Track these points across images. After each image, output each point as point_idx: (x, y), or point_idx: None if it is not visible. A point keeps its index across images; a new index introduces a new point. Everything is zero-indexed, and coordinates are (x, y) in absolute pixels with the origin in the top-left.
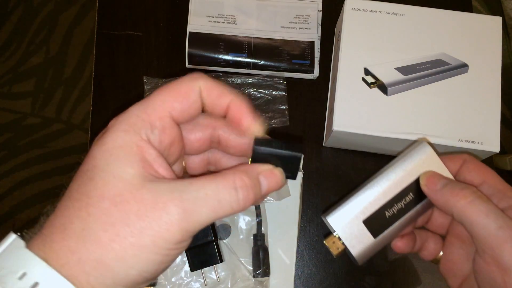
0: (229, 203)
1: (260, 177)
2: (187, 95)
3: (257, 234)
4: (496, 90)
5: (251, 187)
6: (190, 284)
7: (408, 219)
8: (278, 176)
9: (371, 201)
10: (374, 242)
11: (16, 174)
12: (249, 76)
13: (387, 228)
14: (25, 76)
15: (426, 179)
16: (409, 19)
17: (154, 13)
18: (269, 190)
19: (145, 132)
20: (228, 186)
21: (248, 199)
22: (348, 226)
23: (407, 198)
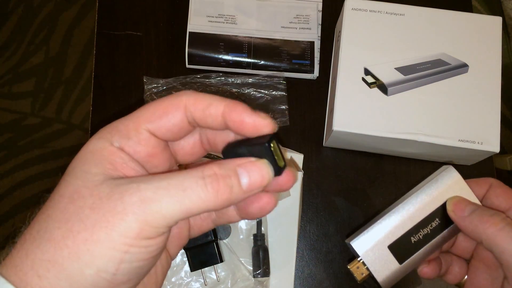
0: (197, 193)
1: (238, 169)
2: (166, 110)
3: (257, 234)
4: (496, 90)
5: (222, 177)
6: (190, 284)
7: (434, 245)
8: (261, 168)
9: (397, 226)
10: (399, 268)
11: (16, 174)
12: (249, 76)
13: (413, 254)
14: (25, 76)
15: (453, 205)
16: (409, 19)
17: (154, 13)
18: (253, 184)
19: (118, 140)
20: (195, 175)
21: (219, 190)
22: (373, 251)
23: (433, 224)
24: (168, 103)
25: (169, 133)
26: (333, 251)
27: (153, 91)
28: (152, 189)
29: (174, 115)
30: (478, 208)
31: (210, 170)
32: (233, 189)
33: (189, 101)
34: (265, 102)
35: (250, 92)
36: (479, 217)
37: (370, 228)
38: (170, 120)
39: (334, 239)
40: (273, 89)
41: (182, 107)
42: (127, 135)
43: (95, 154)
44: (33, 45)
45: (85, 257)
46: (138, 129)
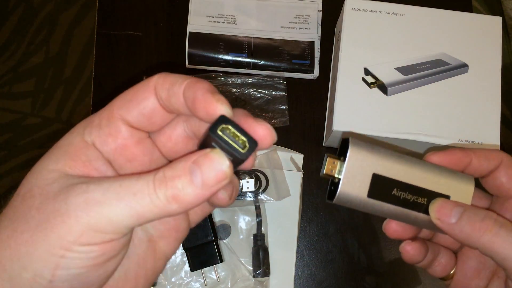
0: (147, 197)
1: (191, 166)
2: (136, 94)
3: (257, 234)
4: (496, 90)
5: (170, 179)
6: (190, 284)
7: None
8: (213, 160)
9: (396, 168)
10: (363, 199)
11: (16, 174)
12: (249, 76)
13: (383, 202)
14: (25, 76)
15: (437, 212)
16: (409, 19)
17: (154, 13)
18: (208, 180)
19: (89, 132)
20: (146, 178)
21: (168, 193)
22: (359, 164)
23: (420, 199)
24: (138, 86)
25: (142, 119)
26: (333, 251)
27: None
28: (101, 190)
29: (145, 97)
30: (465, 210)
31: (160, 173)
32: (186, 190)
33: (159, 80)
34: (265, 102)
35: (250, 92)
36: (469, 224)
37: (377, 147)
38: (140, 102)
39: (334, 239)
40: (273, 89)
41: (152, 89)
42: (98, 125)
43: (62, 149)
44: (33, 45)
45: (23, 259)
46: (111, 118)
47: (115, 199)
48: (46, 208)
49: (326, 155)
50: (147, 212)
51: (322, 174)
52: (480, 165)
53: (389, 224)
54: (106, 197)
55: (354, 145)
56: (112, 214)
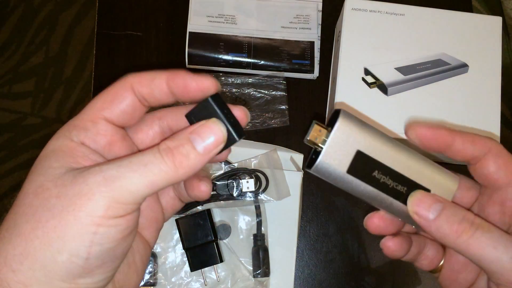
0: (157, 166)
1: (190, 136)
2: (116, 95)
3: (257, 234)
4: (496, 90)
5: (175, 147)
6: (190, 284)
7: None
8: (212, 127)
9: (382, 150)
10: (342, 174)
11: (16, 174)
12: (249, 76)
13: (362, 181)
14: (25, 76)
15: (416, 205)
16: (409, 19)
17: (154, 13)
18: (209, 145)
19: (77, 135)
20: (152, 151)
21: (176, 159)
22: (345, 138)
23: (400, 187)
24: (116, 87)
25: (125, 116)
26: (333, 251)
27: None
28: (114, 167)
29: (124, 96)
30: (444, 208)
31: (164, 144)
32: (189, 156)
33: (135, 80)
34: (265, 102)
35: (250, 92)
36: (447, 224)
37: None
38: (121, 102)
39: (334, 239)
40: (273, 89)
41: (129, 88)
42: (84, 128)
43: (56, 151)
44: (33, 45)
45: (56, 244)
46: (95, 120)
47: (129, 172)
48: (66, 193)
49: (314, 122)
50: (158, 180)
51: (306, 140)
52: (463, 149)
53: (371, 219)
54: (121, 172)
55: (344, 117)
56: (130, 185)
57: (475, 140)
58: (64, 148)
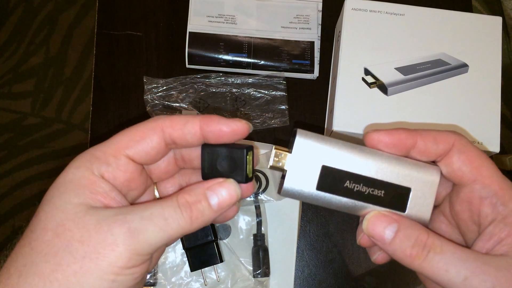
0: (176, 221)
1: (207, 192)
2: (144, 135)
3: (257, 234)
4: (496, 90)
5: (193, 203)
6: (190, 284)
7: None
8: (230, 188)
9: (348, 159)
10: (312, 192)
11: (16, 174)
12: (249, 76)
13: (334, 194)
14: (25, 76)
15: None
16: (409, 19)
17: (154, 13)
18: (223, 203)
19: (98, 168)
20: (172, 205)
21: (193, 216)
22: (307, 156)
23: (376, 191)
24: (145, 128)
25: (147, 157)
26: (333, 251)
27: (153, 91)
28: (138, 219)
29: (152, 139)
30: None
31: (183, 199)
32: (204, 212)
33: (165, 123)
34: (265, 102)
35: (250, 92)
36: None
37: (328, 138)
38: (148, 144)
39: (334, 239)
40: (273, 89)
41: (159, 130)
42: (106, 162)
43: (75, 183)
44: (33, 45)
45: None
46: (117, 156)
47: (151, 225)
48: (90, 240)
49: (273, 147)
50: (174, 233)
51: (269, 166)
52: (426, 148)
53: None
54: (143, 225)
55: (300, 136)
56: (150, 238)
57: (437, 137)
58: (84, 181)
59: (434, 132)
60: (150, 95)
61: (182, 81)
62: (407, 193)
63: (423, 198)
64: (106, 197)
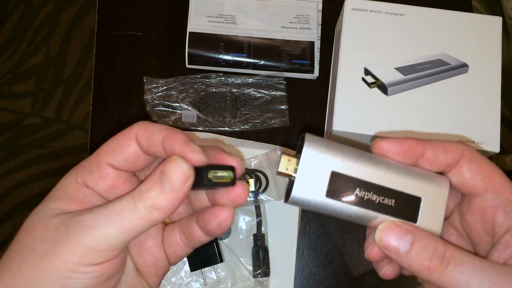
0: (130, 213)
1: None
2: (120, 142)
3: (257, 234)
4: (496, 90)
5: (145, 191)
6: (190, 284)
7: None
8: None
9: (358, 166)
10: (320, 200)
11: (16, 174)
12: (249, 76)
13: (344, 203)
14: (25, 76)
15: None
16: (409, 19)
17: (154, 13)
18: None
19: (82, 176)
20: (127, 197)
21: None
22: (316, 161)
23: (387, 200)
24: (122, 135)
25: (127, 163)
26: (333, 251)
27: (153, 91)
28: (92, 216)
29: (128, 145)
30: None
31: (137, 189)
32: (159, 199)
33: (139, 130)
34: (265, 102)
35: (250, 92)
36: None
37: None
38: (123, 150)
39: (334, 239)
40: (273, 89)
41: (133, 138)
42: (89, 170)
43: (59, 191)
44: (33, 45)
45: (34, 284)
46: (99, 164)
47: (104, 220)
48: (49, 238)
49: (281, 153)
50: (134, 225)
51: (277, 173)
52: (436, 158)
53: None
54: (97, 221)
55: (310, 141)
56: (105, 234)
57: (446, 147)
58: (68, 188)
59: (443, 142)
60: (150, 95)
61: (182, 81)
62: (418, 203)
63: (434, 208)
64: (85, 203)
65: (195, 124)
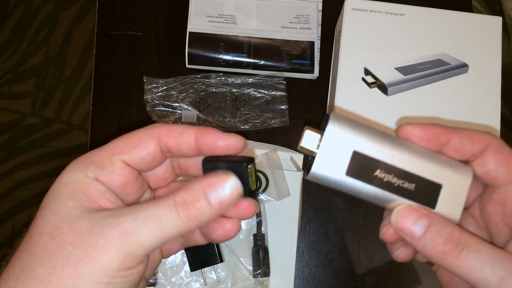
0: (171, 221)
1: (206, 189)
2: (140, 141)
3: (257, 234)
4: (496, 90)
5: (191, 202)
6: (190, 284)
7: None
8: (229, 181)
9: (381, 147)
10: (340, 177)
11: (16, 174)
12: (249, 76)
13: (364, 183)
14: (25, 76)
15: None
16: (409, 19)
17: (154, 13)
18: (223, 200)
19: (93, 171)
20: (168, 205)
21: (191, 215)
22: (339, 141)
23: (407, 184)
24: (142, 134)
25: (143, 163)
26: (333, 251)
27: (153, 91)
28: (130, 221)
29: (148, 145)
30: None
31: (180, 197)
32: (204, 211)
33: (162, 131)
34: (265, 102)
35: (250, 92)
36: (432, 245)
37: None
38: (144, 150)
39: (334, 239)
40: (273, 89)
41: (155, 137)
42: (101, 165)
43: (70, 186)
44: (33, 45)
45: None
46: (113, 160)
47: (144, 227)
48: (83, 243)
49: (306, 127)
50: (170, 234)
51: (299, 147)
52: (461, 146)
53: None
54: (135, 227)
55: (334, 119)
56: (144, 240)
57: (473, 136)
58: (79, 183)
59: (470, 131)
60: (150, 95)
61: (182, 81)
62: (438, 190)
63: (454, 197)
64: (101, 198)
65: (195, 124)
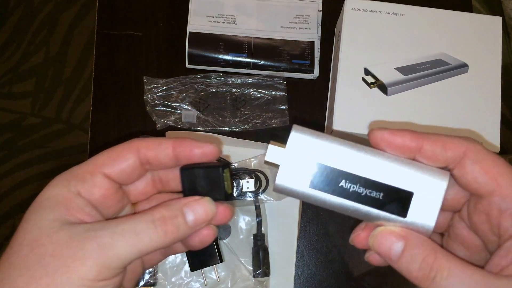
0: (148, 235)
1: (184, 208)
2: (120, 154)
3: (257, 234)
4: (496, 90)
5: (170, 218)
6: (190, 284)
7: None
8: (205, 205)
9: (345, 158)
10: (304, 190)
11: (16, 174)
12: (249, 76)
13: (328, 194)
14: (25, 76)
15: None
16: (409, 19)
17: (154, 13)
18: (198, 220)
19: (75, 185)
20: (146, 220)
21: (168, 230)
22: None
23: (375, 193)
24: (122, 148)
25: (123, 175)
26: (333, 251)
27: (153, 91)
28: (108, 235)
29: (128, 158)
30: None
31: (159, 213)
32: (180, 228)
33: (141, 144)
34: (265, 102)
35: (250, 92)
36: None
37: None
38: (123, 162)
39: (334, 239)
40: (273, 89)
41: (135, 150)
42: (83, 179)
43: (51, 200)
44: (33, 45)
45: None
46: (94, 173)
47: (121, 240)
48: (61, 254)
49: (270, 142)
50: (146, 248)
51: (265, 162)
52: (433, 153)
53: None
54: (113, 240)
55: (296, 131)
56: (120, 253)
57: (446, 144)
58: (59, 198)
59: (444, 137)
60: (150, 95)
61: (182, 81)
62: (409, 198)
63: (428, 204)
64: (81, 212)
65: (195, 124)
